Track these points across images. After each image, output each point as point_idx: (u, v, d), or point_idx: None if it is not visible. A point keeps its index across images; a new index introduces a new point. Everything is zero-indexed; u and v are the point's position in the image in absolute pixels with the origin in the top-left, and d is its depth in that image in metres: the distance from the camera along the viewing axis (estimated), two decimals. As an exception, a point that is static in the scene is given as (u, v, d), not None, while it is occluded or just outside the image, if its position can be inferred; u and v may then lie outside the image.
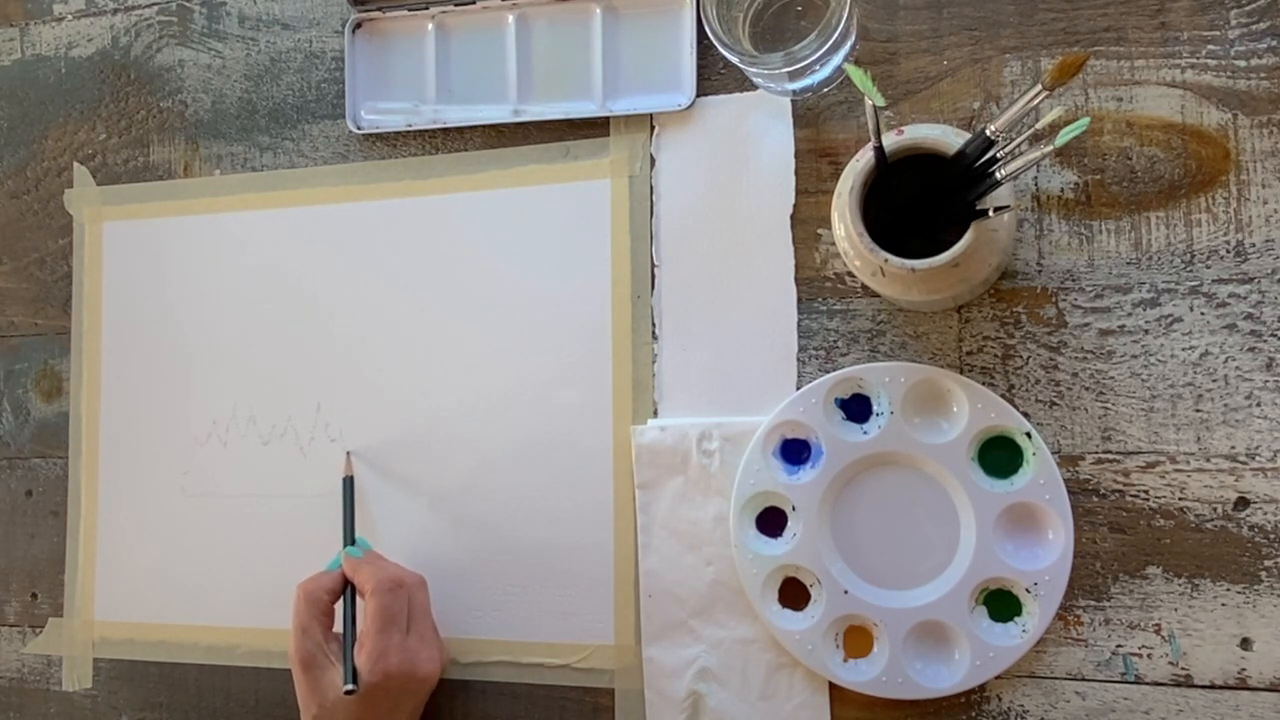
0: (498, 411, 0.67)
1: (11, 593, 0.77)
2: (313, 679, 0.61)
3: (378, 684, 0.59)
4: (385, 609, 0.61)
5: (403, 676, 0.60)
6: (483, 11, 0.68)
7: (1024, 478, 0.58)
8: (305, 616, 0.62)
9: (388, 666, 0.60)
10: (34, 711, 0.75)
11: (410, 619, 0.62)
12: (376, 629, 0.60)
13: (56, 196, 0.78)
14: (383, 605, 0.61)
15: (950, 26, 0.61)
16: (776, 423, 0.61)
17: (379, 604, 0.61)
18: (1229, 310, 0.56)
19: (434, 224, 0.69)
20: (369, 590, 0.61)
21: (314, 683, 0.61)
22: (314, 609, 0.62)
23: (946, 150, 0.52)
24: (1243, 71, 0.57)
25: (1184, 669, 0.56)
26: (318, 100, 0.72)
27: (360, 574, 0.63)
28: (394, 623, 0.61)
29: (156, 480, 0.74)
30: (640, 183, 0.65)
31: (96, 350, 0.76)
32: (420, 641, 0.62)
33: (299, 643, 0.62)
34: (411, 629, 0.62)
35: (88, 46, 0.78)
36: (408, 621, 0.62)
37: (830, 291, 0.62)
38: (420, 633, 0.62)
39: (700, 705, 0.62)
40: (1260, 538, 0.55)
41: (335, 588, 0.64)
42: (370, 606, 0.61)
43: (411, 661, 0.61)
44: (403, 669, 0.60)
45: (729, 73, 0.64)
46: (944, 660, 0.59)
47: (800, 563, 0.60)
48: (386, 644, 0.60)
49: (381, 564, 0.64)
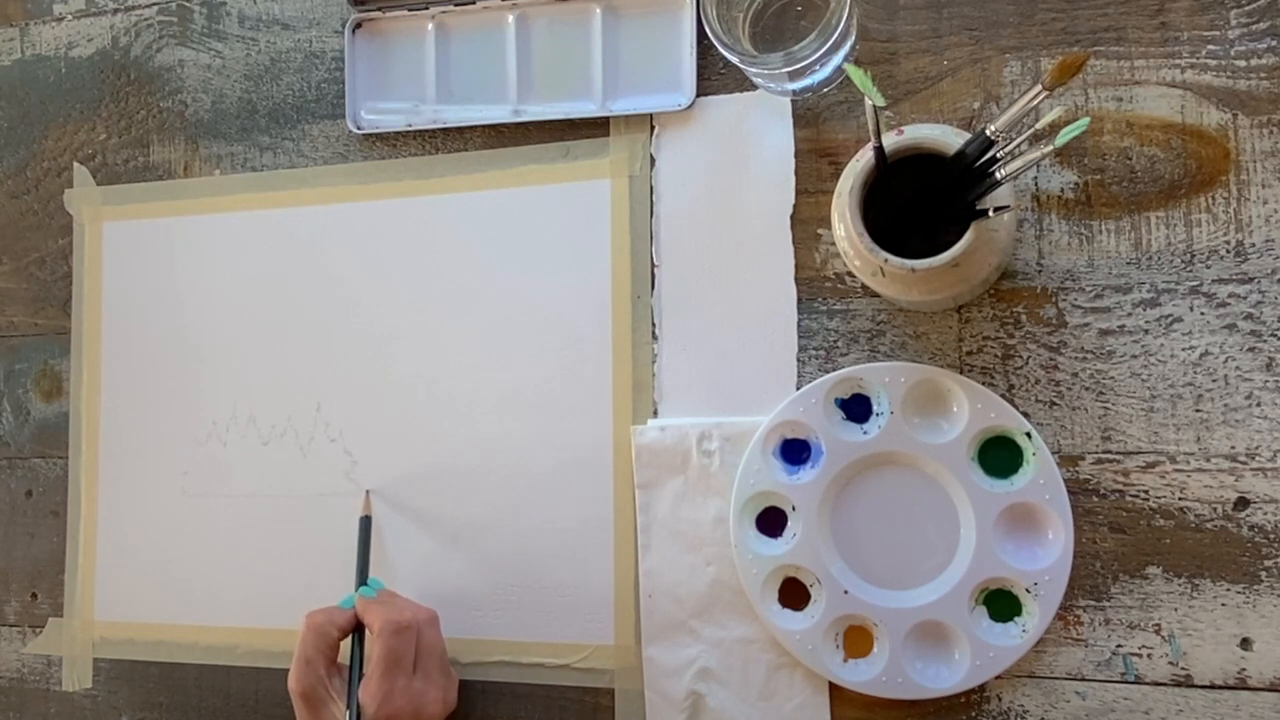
0: (497, 411, 0.67)
1: (11, 593, 0.77)
2: (312, 711, 0.61)
3: None
4: (391, 651, 0.60)
5: (408, 718, 0.60)
6: (483, 11, 0.68)
7: (1024, 478, 0.58)
8: (311, 649, 0.62)
9: (392, 708, 0.60)
10: (34, 711, 0.75)
11: (418, 658, 0.62)
12: (381, 671, 0.60)
13: (56, 196, 0.78)
14: (389, 648, 0.60)
15: (950, 26, 0.61)
16: (776, 423, 0.61)
17: (385, 646, 0.60)
18: (1229, 310, 0.56)
19: (434, 224, 0.69)
20: (376, 631, 0.61)
21: (314, 716, 0.61)
22: (320, 643, 0.62)
23: (946, 150, 0.52)
24: (1243, 71, 0.57)
25: (1184, 669, 0.56)
26: (318, 100, 0.72)
27: (370, 614, 0.62)
28: (399, 665, 0.60)
29: (156, 480, 0.74)
30: (640, 183, 0.65)
31: (96, 350, 0.76)
32: (426, 682, 0.61)
33: (301, 673, 0.61)
34: (419, 669, 0.62)
35: (88, 46, 0.78)
36: (415, 661, 0.61)
37: (830, 291, 0.62)
38: (427, 672, 0.62)
39: (700, 705, 0.62)
40: (1260, 538, 0.55)
41: (345, 625, 0.63)
42: (376, 649, 0.61)
43: (417, 703, 0.60)
44: (408, 711, 0.60)
45: (729, 73, 0.64)
46: (944, 660, 0.59)
47: (800, 563, 0.60)
48: (391, 686, 0.60)
49: (393, 604, 0.64)
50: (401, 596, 0.66)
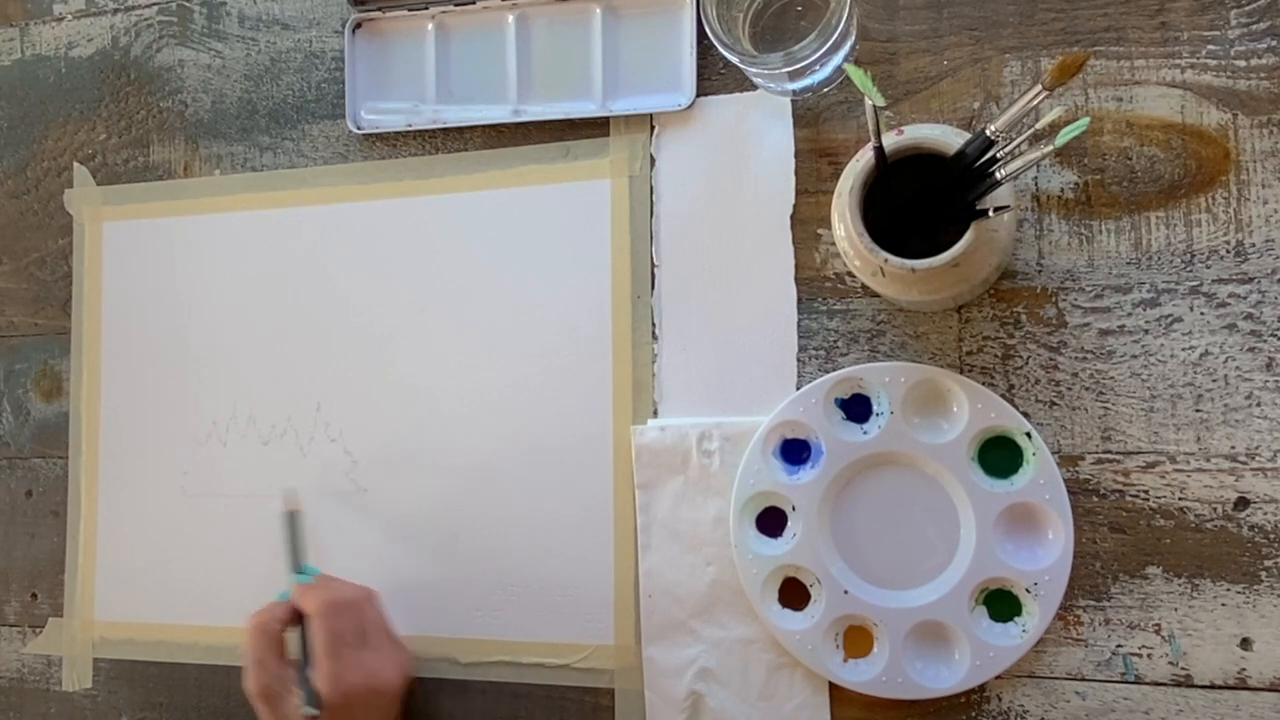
0: (498, 411, 0.67)
1: (11, 593, 0.77)
2: (274, 709, 0.62)
3: (339, 703, 0.60)
4: (332, 631, 0.61)
5: (365, 691, 0.61)
6: (483, 11, 0.68)
7: (1024, 478, 0.58)
8: (259, 649, 0.63)
9: (346, 685, 0.60)
10: (34, 711, 0.75)
11: (364, 634, 0.63)
12: (327, 652, 0.61)
13: (56, 196, 0.78)
14: (330, 628, 0.61)
15: (950, 26, 0.61)
16: (776, 423, 0.61)
17: (326, 627, 0.61)
18: (1229, 310, 0.56)
19: (434, 224, 0.69)
20: (313, 614, 0.62)
21: (276, 712, 0.62)
22: (265, 640, 0.63)
23: (946, 150, 0.52)
24: (1243, 71, 0.57)
25: (1184, 669, 0.56)
26: (318, 100, 0.72)
27: (305, 600, 0.63)
28: (344, 642, 0.61)
29: (156, 480, 0.74)
30: (640, 183, 0.65)
31: (96, 350, 0.76)
32: (376, 654, 0.62)
33: (254, 675, 0.62)
34: (367, 643, 0.62)
35: (88, 46, 0.78)
36: (363, 636, 0.62)
37: (830, 291, 0.62)
38: (376, 645, 0.63)
39: (700, 705, 0.62)
40: (1260, 538, 0.55)
41: (285, 617, 0.64)
42: (318, 631, 0.61)
43: (370, 675, 0.61)
44: (363, 684, 0.61)
45: (729, 73, 0.64)
46: (944, 660, 0.59)
47: (800, 563, 0.60)
48: (341, 664, 0.60)
49: (329, 586, 0.65)
50: (337, 579, 0.66)
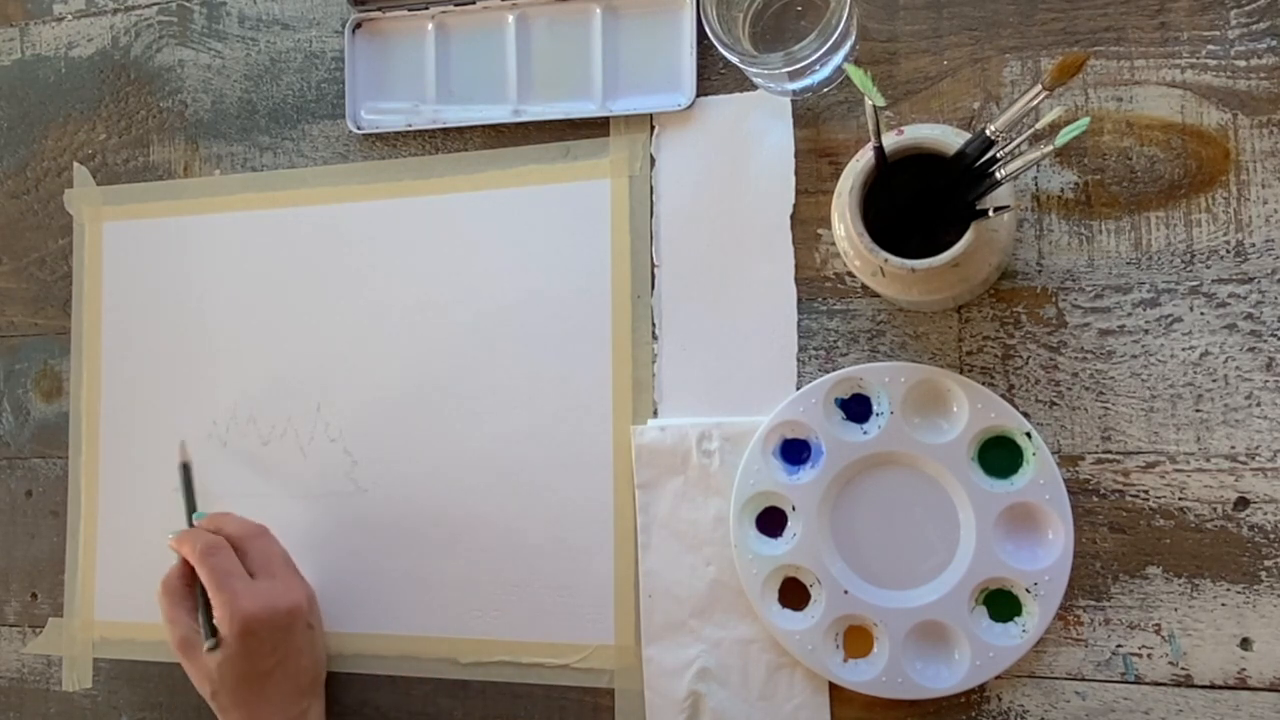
0: (497, 411, 0.67)
1: (11, 593, 0.77)
2: (194, 660, 0.63)
3: (240, 631, 0.61)
4: (213, 569, 0.62)
5: (266, 616, 0.61)
6: (483, 11, 0.68)
7: (1024, 478, 0.58)
8: (169, 609, 0.64)
9: (242, 613, 0.61)
10: (34, 711, 0.75)
11: (255, 566, 0.64)
12: (215, 587, 0.62)
13: (56, 196, 0.78)
14: (209, 567, 0.62)
15: (950, 26, 0.61)
16: (776, 423, 0.61)
17: (205, 567, 0.62)
18: (1229, 310, 0.56)
19: (434, 224, 0.69)
20: (192, 559, 0.63)
21: (196, 662, 0.63)
22: (173, 598, 0.64)
23: (946, 150, 0.52)
24: (1243, 71, 0.57)
25: (1184, 669, 0.56)
26: (318, 100, 0.72)
27: (183, 547, 0.64)
28: (229, 575, 0.62)
29: (157, 480, 0.73)
30: (640, 183, 0.65)
31: (96, 350, 0.76)
32: (271, 580, 0.63)
33: (171, 634, 0.64)
34: (260, 573, 0.63)
35: (88, 46, 0.78)
36: (254, 569, 0.63)
37: (830, 291, 0.62)
38: (270, 573, 0.64)
39: (700, 705, 0.62)
40: (1260, 538, 0.55)
41: (187, 573, 0.65)
42: (200, 572, 0.63)
43: (267, 599, 0.62)
44: (262, 608, 0.61)
45: (729, 73, 0.64)
46: (944, 660, 0.59)
47: (800, 563, 0.60)
48: (231, 596, 0.61)
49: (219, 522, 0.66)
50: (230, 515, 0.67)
